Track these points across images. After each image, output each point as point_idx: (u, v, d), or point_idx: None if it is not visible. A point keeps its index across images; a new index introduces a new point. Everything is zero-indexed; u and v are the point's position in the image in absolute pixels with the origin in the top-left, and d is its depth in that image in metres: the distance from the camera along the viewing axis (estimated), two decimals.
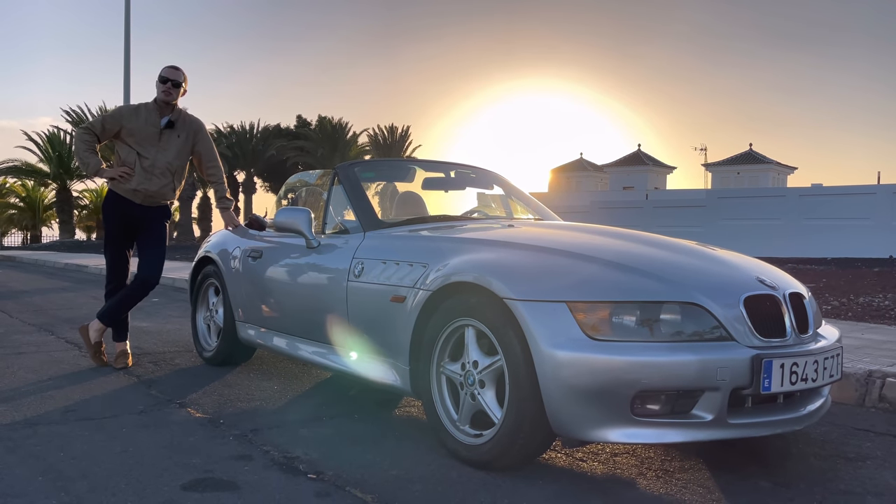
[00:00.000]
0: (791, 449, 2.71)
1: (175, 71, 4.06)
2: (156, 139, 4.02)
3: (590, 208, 26.23)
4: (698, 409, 2.19)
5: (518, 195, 3.99)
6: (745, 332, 2.25)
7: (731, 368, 2.16)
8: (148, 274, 4.00)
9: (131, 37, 15.41)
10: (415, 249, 2.85)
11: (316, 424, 2.97)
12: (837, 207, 21.76)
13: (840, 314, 5.80)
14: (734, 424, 2.21)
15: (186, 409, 3.19)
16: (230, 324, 4.03)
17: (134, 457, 2.51)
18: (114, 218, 4.08)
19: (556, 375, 2.16)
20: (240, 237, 4.11)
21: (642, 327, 2.20)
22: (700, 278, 2.37)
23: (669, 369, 2.13)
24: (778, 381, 2.22)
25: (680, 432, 2.18)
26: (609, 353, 2.13)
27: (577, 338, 2.17)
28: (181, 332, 5.55)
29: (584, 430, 2.18)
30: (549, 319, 2.21)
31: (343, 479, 2.31)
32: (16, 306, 7.35)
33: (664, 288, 2.28)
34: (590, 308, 2.21)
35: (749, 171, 42.40)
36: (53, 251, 24.64)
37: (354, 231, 3.25)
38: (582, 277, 2.33)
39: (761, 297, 2.35)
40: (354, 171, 3.54)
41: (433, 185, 3.86)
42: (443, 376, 2.60)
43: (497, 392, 2.41)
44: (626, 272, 2.35)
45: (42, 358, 4.35)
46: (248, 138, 38.16)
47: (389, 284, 2.81)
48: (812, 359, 2.32)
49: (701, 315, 2.24)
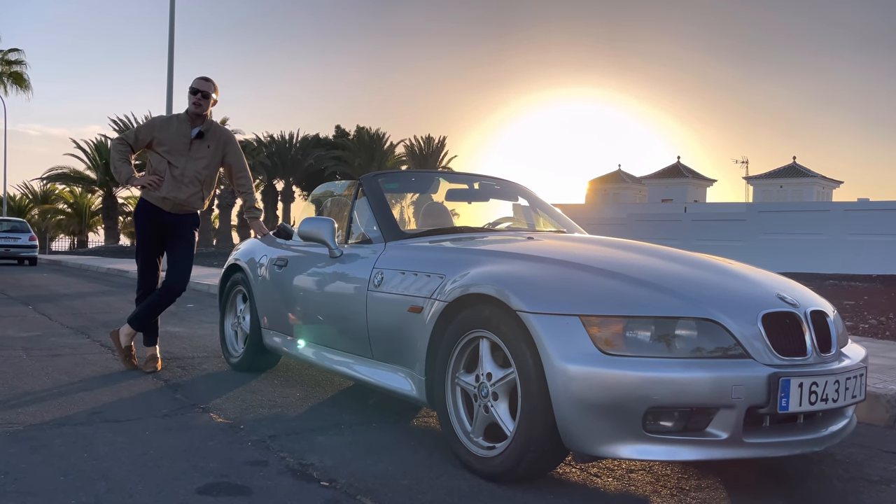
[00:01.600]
0: (813, 470, 2.65)
1: (205, 82, 4.15)
2: (186, 149, 4.12)
3: (627, 221, 25.99)
4: (713, 426, 2.15)
5: (543, 207, 3.98)
6: (762, 350, 2.21)
7: (746, 386, 2.12)
8: (174, 281, 4.09)
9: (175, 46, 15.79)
10: (433, 260, 2.86)
11: (334, 432, 3.00)
12: (884, 223, 21.17)
13: (878, 333, 5.64)
14: (750, 444, 2.17)
15: (209, 413, 3.24)
16: (256, 331, 4.09)
17: (154, 459, 2.56)
18: (144, 225, 4.18)
19: (568, 389, 2.14)
20: (267, 245, 4.17)
21: (656, 343, 2.17)
22: (717, 294, 2.33)
23: (682, 386, 2.10)
24: (796, 401, 2.17)
25: (693, 450, 2.14)
26: (621, 367, 2.11)
27: (589, 352, 2.15)
28: (212, 337, 5.65)
29: (594, 446, 2.16)
30: (561, 333, 2.20)
31: (354, 488, 2.32)
32: (56, 309, 7.56)
33: (679, 303, 2.25)
34: (603, 322, 2.19)
35: (792, 184, 41.55)
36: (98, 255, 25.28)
37: (376, 241, 3.28)
38: (595, 291, 2.31)
39: (781, 315, 2.30)
40: (378, 182, 3.57)
41: (457, 196, 3.87)
42: (458, 387, 2.60)
43: (510, 405, 2.40)
44: (641, 286, 2.33)
45: (76, 360, 4.47)
46: (288, 148, 38.72)
47: (407, 295, 2.83)
48: (833, 378, 2.26)
49: (717, 331, 2.20)
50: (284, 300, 3.80)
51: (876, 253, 20.19)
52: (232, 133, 4.43)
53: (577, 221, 3.99)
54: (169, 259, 4.20)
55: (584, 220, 6.54)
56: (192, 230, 4.27)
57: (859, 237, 21.37)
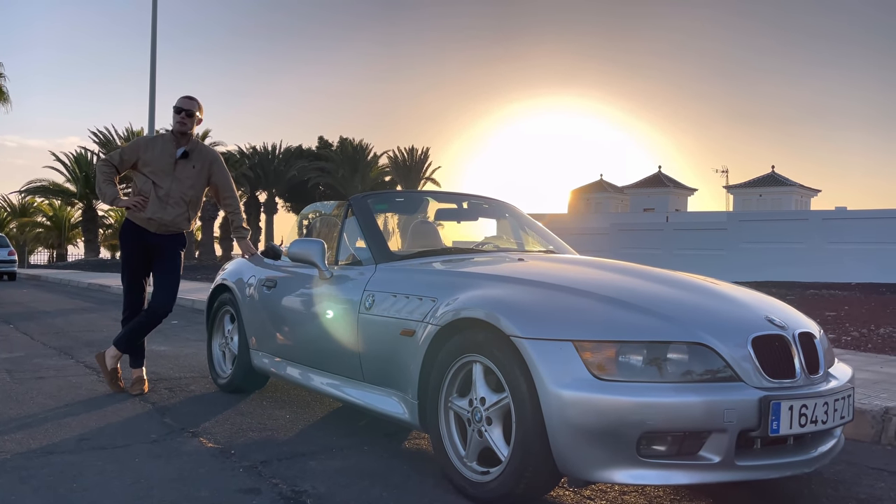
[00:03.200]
0: (803, 490, 2.68)
1: (189, 101, 4.14)
2: (171, 169, 4.10)
3: (609, 230, 26.15)
4: (705, 450, 2.17)
5: (530, 226, 4.01)
6: (752, 373, 2.24)
7: (738, 410, 2.15)
8: (160, 302, 4.06)
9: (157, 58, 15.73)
10: (424, 283, 2.87)
11: (325, 456, 2.99)
12: (862, 231, 21.48)
13: (860, 345, 5.72)
14: (742, 466, 2.19)
15: (199, 438, 3.22)
16: (245, 352, 4.07)
17: (144, 489, 2.53)
18: (130, 246, 4.16)
19: (562, 415, 2.16)
20: (255, 266, 4.16)
21: (649, 367, 2.19)
22: (707, 318, 2.36)
23: (675, 410, 2.12)
24: (787, 424, 2.20)
25: (687, 474, 2.16)
26: (615, 393, 2.13)
27: (582, 377, 2.17)
28: (197, 356, 5.60)
29: (589, 471, 2.17)
30: (554, 358, 2.21)
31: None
32: (38, 328, 7.47)
33: (671, 328, 2.27)
34: (596, 347, 2.21)
35: (771, 193, 42.04)
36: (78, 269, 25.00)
37: (367, 263, 3.28)
38: (588, 316, 2.33)
39: (770, 338, 2.34)
40: (368, 203, 3.58)
41: (446, 216, 3.89)
42: (451, 412, 2.61)
43: (504, 429, 2.41)
44: (633, 311, 2.35)
45: (60, 383, 4.42)
46: (270, 159, 38.61)
47: (399, 318, 2.83)
48: (822, 400, 2.29)
49: (708, 355, 2.23)
50: (273, 321, 3.78)
51: (854, 261, 20.47)
52: (217, 153, 4.42)
53: (560, 231, 4.02)
54: (155, 280, 4.17)
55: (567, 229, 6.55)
56: (179, 251, 4.24)
57: (838, 246, 21.66)
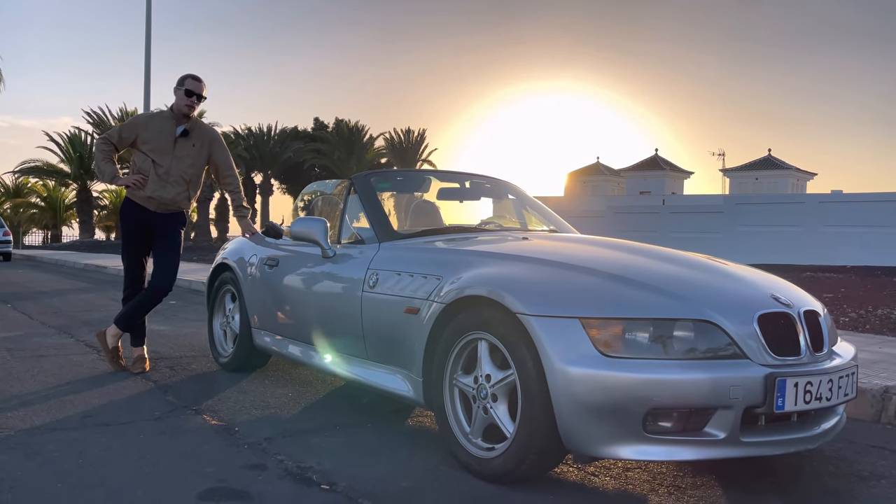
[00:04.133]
0: (805, 466, 2.70)
1: (199, 84, 4.11)
2: (170, 147, 4.07)
3: (606, 213, 26.17)
4: (710, 426, 2.18)
5: (533, 205, 4.00)
6: (758, 350, 2.24)
7: (744, 387, 2.16)
8: (160, 281, 4.05)
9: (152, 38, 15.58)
10: (429, 262, 2.86)
11: (329, 433, 2.99)
12: (858, 215, 21.53)
13: (858, 326, 5.75)
14: (747, 443, 2.20)
15: (202, 415, 3.23)
16: (246, 330, 4.07)
17: (150, 464, 2.54)
18: (130, 224, 4.14)
19: (568, 392, 2.16)
20: (256, 245, 4.15)
21: (655, 344, 2.20)
22: (713, 295, 2.36)
23: (682, 387, 2.13)
24: (792, 400, 2.21)
25: (692, 450, 2.18)
26: (621, 370, 2.14)
27: (589, 354, 2.17)
28: (197, 335, 5.61)
29: (595, 447, 2.19)
30: (561, 335, 2.22)
31: (355, 491, 2.33)
32: (36, 307, 7.45)
33: (677, 305, 2.28)
34: (602, 324, 2.21)
35: (767, 176, 42.07)
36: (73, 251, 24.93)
37: (370, 241, 3.27)
38: (595, 293, 2.33)
39: (775, 315, 2.34)
40: (370, 182, 3.56)
41: (448, 195, 3.88)
42: (455, 389, 2.61)
43: (509, 406, 2.42)
44: (640, 288, 2.35)
45: (61, 361, 4.42)
46: (266, 140, 38.43)
47: (404, 296, 2.83)
48: (827, 378, 2.31)
49: (714, 332, 2.23)
50: (275, 300, 3.78)
51: (850, 244, 20.52)
52: (217, 131, 4.39)
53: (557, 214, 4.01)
54: (155, 259, 4.16)
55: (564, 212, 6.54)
56: (179, 229, 4.22)
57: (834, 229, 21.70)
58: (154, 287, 4.06)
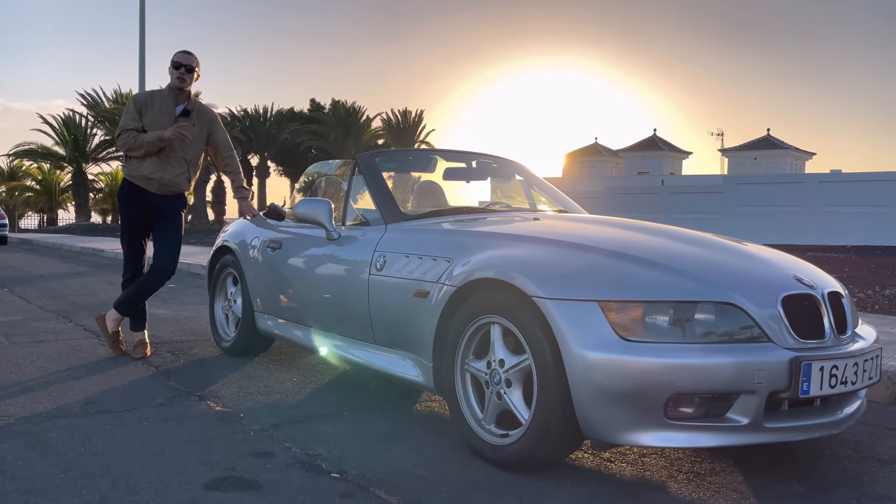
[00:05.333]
0: (823, 451, 2.64)
1: (188, 56, 4.00)
2: (170, 126, 3.97)
3: (604, 194, 26.05)
4: (733, 412, 2.12)
5: (540, 185, 3.91)
6: (782, 334, 2.18)
7: (768, 371, 2.09)
8: (162, 265, 3.96)
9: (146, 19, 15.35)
10: (438, 243, 2.78)
11: (337, 419, 2.93)
12: (857, 194, 21.47)
13: (866, 307, 5.70)
14: (771, 428, 2.14)
15: (206, 401, 3.16)
16: (248, 314, 4.00)
17: (155, 453, 2.48)
18: (129, 206, 4.04)
19: (588, 377, 2.10)
20: (258, 227, 4.06)
21: (676, 328, 2.13)
22: (735, 277, 2.29)
23: (705, 372, 2.06)
24: (817, 385, 2.15)
25: (714, 436, 2.11)
26: (642, 354, 2.07)
27: (609, 339, 2.10)
28: (198, 319, 5.54)
29: (615, 434, 2.12)
30: (579, 319, 2.14)
31: (367, 479, 2.26)
32: (33, 292, 7.37)
33: (699, 287, 2.20)
34: (622, 308, 2.14)
35: (766, 156, 41.93)
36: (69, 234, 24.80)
37: (375, 223, 3.19)
38: (614, 276, 2.26)
39: (799, 297, 2.27)
40: (375, 162, 3.47)
41: (454, 175, 3.79)
42: (467, 374, 2.54)
43: (524, 392, 2.35)
44: (660, 270, 2.28)
45: (61, 347, 4.34)
46: (262, 122, 38.16)
47: (412, 279, 2.76)
48: (852, 361, 2.24)
49: (737, 315, 2.16)
50: (279, 283, 3.70)
51: (849, 224, 20.48)
52: (215, 112, 4.30)
53: None
54: (156, 241, 4.07)
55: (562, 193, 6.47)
56: (180, 211, 4.13)
57: (834, 209, 21.65)
58: (156, 270, 3.98)
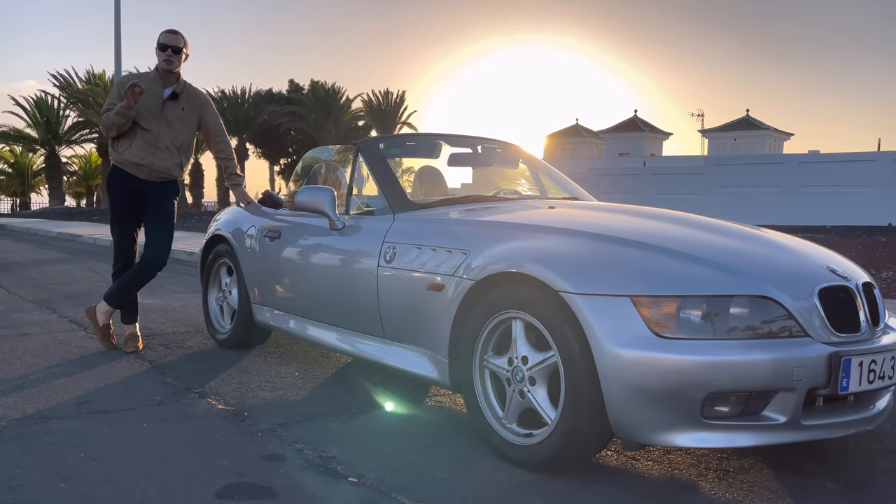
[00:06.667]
0: (850, 445, 2.58)
1: (174, 36, 3.81)
2: (158, 111, 3.80)
3: (586, 175, 26.01)
4: (770, 410, 2.04)
5: (547, 171, 3.80)
6: (820, 328, 2.10)
7: (807, 367, 2.01)
8: (154, 256, 3.80)
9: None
10: (453, 234, 2.66)
11: (346, 417, 2.82)
12: (837, 174, 21.65)
13: None
14: (809, 426, 2.07)
15: (206, 399, 3.03)
16: (245, 305, 3.85)
17: (159, 458, 2.35)
18: (119, 194, 3.87)
19: (621, 376, 2.00)
20: (253, 215, 3.91)
21: (712, 323, 2.03)
22: (770, 269, 2.20)
23: (743, 369, 1.97)
24: (856, 381, 2.07)
25: (752, 436, 2.03)
26: (679, 352, 1.97)
27: (643, 335, 2.01)
28: (187, 309, 5.38)
29: (649, 434, 2.03)
30: (611, 315, 2.04)
31: (386, 484, 2.16)
32: (12, 280, 7.14)
33: (733, 280, 2.11)
34: (655, 303, 2.04)
35: (746, 137, 42.14)
36: (44, 218, 24.28)
37: (382, 212, 3.06)
38: (645, 269, 2.15)
39: (835, 289, 2.19)
40: (379, 148, 3.33)
41: (459, 161, 3.66)
42: (486, 371, 2.44)
43: (549, 390, 2.25)
44: (692, 263, 2.18)
45: (47, 340, 4.17)
46: (240, 104, 37.51)
47: (425, 272, 2.64)
48: (889, 355, 2.17)
49: (773, 309, 2.07)
50: (278, 274, 3.56)
51: (829, 204, 20.66)
52: (207, 96, 4.11)
53: None
54: (147, 231, 3.90)
55: None
56: (172, 199, 3.96)
57: (813, 189, 21.83)
58: (147, 261, 3.81)
